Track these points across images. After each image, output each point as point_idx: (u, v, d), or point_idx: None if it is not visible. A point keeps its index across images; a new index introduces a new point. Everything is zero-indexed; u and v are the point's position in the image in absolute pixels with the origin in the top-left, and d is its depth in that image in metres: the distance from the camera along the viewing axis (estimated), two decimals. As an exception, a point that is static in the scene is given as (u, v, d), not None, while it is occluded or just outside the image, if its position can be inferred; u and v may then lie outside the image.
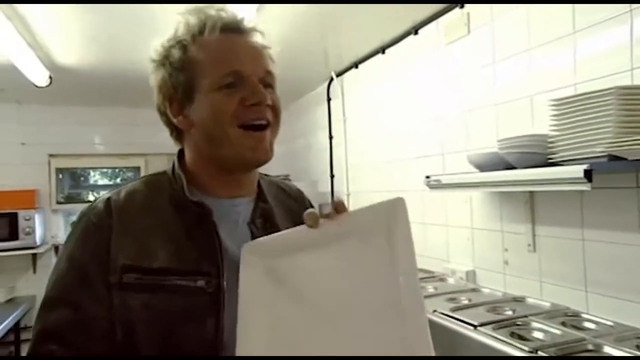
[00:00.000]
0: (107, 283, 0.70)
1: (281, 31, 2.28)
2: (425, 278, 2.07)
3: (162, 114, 0.81)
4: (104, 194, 0.80)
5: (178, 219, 0.75)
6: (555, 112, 1.35)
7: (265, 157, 0.76)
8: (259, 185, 0.85)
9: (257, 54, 0.78)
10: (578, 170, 1.19)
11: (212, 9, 0.78)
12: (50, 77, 2.77)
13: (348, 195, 3.07)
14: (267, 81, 0.77)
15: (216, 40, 0.76)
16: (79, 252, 0.73)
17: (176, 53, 0.76)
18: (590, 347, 1.20)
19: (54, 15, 1.97)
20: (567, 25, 1.51)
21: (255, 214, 0.80)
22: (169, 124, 0.81)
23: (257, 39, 0.80)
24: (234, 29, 0.77)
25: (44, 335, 0.69)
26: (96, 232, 0.74)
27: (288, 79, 3.12)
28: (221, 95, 0.73)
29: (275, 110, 0.78)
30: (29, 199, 3.41)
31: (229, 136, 0.73)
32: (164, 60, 0.77)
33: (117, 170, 4.12)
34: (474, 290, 1.84)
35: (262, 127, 0.75)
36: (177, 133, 0.81)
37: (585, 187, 1.19)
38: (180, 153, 0.83)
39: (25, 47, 2.21)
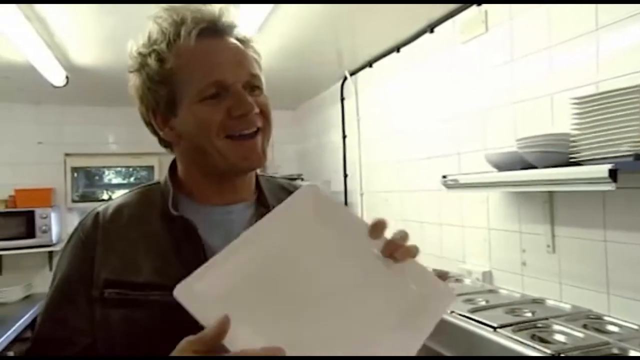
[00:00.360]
0: (90, 298, 0.71)
1: (295, 30, 2.28)
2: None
3: (148, 124, 0.79)
4: (96, 206, 0.80)
5: (167, 233, 0.74)
6: (578, 111, 1.33)
7: (258, 163, 0.74)
8: (260, 188, 0.83)
9: (239, 57, 0.74)
10: (602, 170, 1.17)
11: (187, 9, 0.72)
12: (67, 77, 2.80)
13: (362, 194, 3.06)
14: (252, 84, 0.74)
15: (194, 48, 0.71)
16: (67, 268, 0.75)
17: (153, 64, 0.72)
18: (615, 350, 1.17)
19: (72, 16, 1.99)
20: (590, 22, 1.47)
21: (254, 220, 0.76)
22: (155, 133, 0.79)
23: (239, 34, 0.76)
24: (212, 32, 0.73)
25: (33, 348, 0.73)
26: (83, 247, 0.75)
27: (301, 78, 3.18)
28: (205, 107, 0.70)
29: (265, 114, 0.74)
30: (45, 197, 3.45)
31: (218, 148, 0.71)
32: (141, 69, 0.74)
33: (130, 169, 4.16)
34: (491, 291, 1.82)
35: (252, 134, 0.72)
36: (166, 142, 0.79)
37: (610, 187, 1.17)
38: (174, 163, 0.82)
39: (43, 48, 2.23)
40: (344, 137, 3.26)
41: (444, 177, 1.90)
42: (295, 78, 3.15)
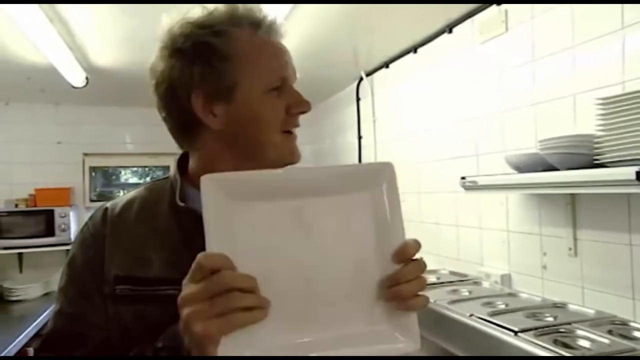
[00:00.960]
0: (102, 294, 0.71)
1: (312, 31, 2.27)
2: (458, 281, 2.03)
3: (171, 106, 0.74)
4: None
5: (175, 225, 0.73)
6: (603, 112, 1.30)
7: (299, 158, 0.79)
8: None
9: (291, 57, 0.78)
10: (629, 172, 1.14)
11: (244, 7, 0.76)
12: (87, 78, 2.85)
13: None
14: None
15: (262, 41, 0.74)
16: (78, 262, 0.75)
17: (218, 42, 0.70)
18: (642, 357, 1.14)
19: (93, 17, 2.02)
20: (615, 21, 1.44)
21: None
22: (176, 117, 0.75)
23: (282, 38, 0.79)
24: (271, 30, 0.76)
25: (45, 343, 0.73)
26: (92, 242, 0.75)
27: (317, 78, 3.18)
28: (269, 100, 0.72)
29: None
30: (64, 196, 3.51)
31: (274, 141, 0.74)
32: (195, 46, 0.70)
33: (147, 169, 4.20)
34: (510, 294, 1.79)
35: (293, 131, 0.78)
36: (185, 131, 0.75)
37: (637, 189, 1.14)
38: (182, 157, 0.81)
39: (65, 49, 2.27)
40: (360, 137, 3.25)
41: (463, 178, 1.87)
42: (311, 78, 3.14)
